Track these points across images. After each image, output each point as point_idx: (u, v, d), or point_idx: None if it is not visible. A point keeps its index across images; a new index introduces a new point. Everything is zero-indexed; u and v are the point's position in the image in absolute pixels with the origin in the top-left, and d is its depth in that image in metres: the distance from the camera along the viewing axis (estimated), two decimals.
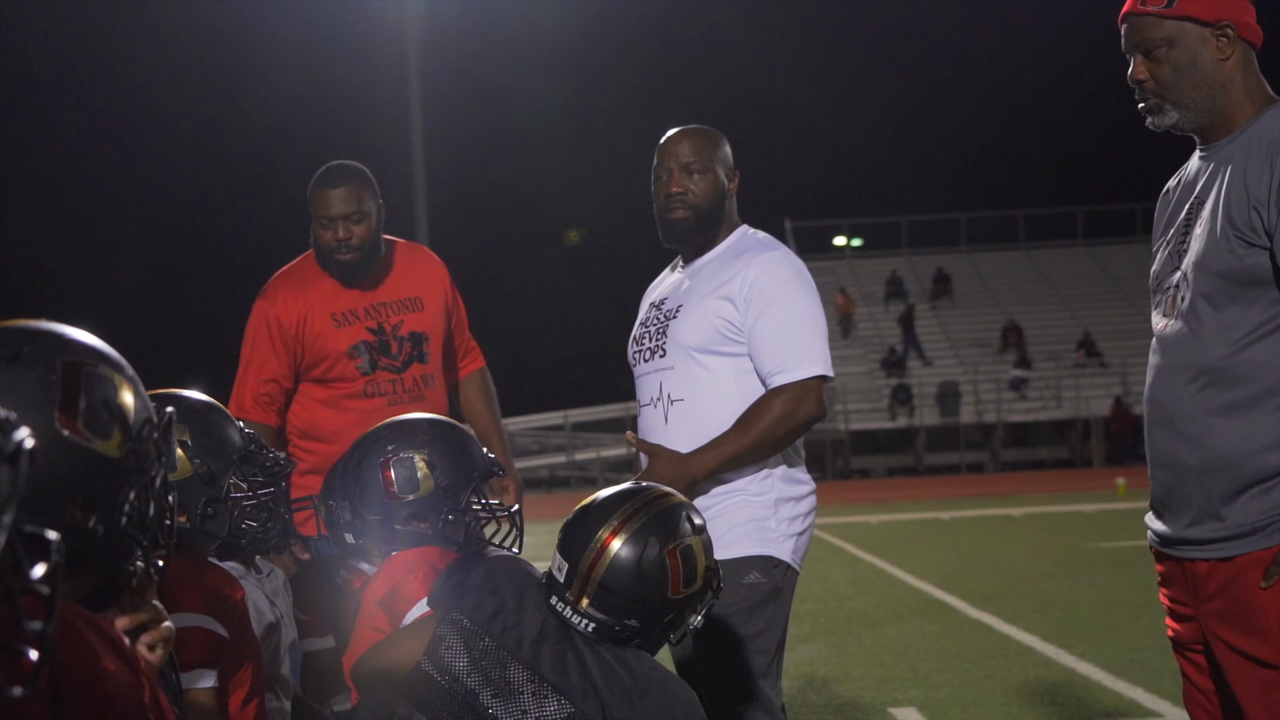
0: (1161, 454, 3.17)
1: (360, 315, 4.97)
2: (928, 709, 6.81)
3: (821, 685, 7.55)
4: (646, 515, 2.99)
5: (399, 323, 4.98)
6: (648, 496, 3.04)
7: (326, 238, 4.91)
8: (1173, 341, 3.14)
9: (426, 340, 4.99)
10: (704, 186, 3.97)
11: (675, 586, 2.96)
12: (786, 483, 3.86)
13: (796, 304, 3.83)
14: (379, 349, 4.94)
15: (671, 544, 2.97)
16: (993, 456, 39.91)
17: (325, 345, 4.93)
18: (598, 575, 2.94)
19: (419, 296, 5.03)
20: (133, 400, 1.91)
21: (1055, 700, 6.89)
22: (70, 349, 1.87)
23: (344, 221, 4.88)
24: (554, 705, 2.88)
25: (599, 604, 2.95)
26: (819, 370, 3.81)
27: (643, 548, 2.95)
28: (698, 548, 3.01)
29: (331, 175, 4.94)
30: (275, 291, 5.02)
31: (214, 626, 3.15)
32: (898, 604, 11.04)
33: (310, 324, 4.94)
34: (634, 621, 2.95)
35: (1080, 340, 41.87)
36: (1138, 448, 37.38)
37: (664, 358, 3.94)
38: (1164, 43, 3.13)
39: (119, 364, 1.93)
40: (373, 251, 4.95)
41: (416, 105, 21.62)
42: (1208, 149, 3.20)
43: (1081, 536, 16.38)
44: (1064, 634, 8.91)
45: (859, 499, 26.49)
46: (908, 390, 40.45)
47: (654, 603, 2.96)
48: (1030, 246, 48.00)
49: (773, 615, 3.78)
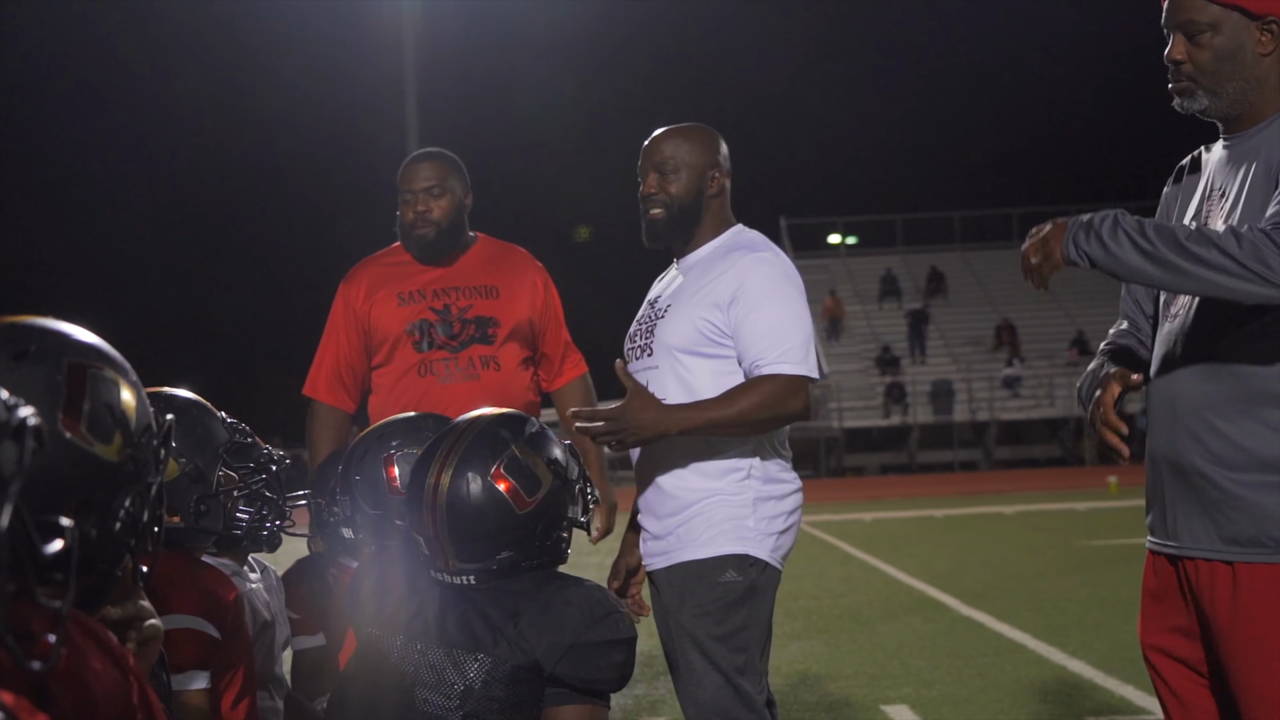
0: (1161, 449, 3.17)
1: (427, 296, 4.94)
2: (920, 706, 6.82)
3: (814, 682, 7.56)
4: (456, 456, 2.89)
5: (468, 306, 4.93)
6: (451, 438, 2.94)
7: (408, 213, 4.96)
8: (1180, 333, 3.11)
9: (495, 324, 4.92)
10: (677, 186, 3.96)
11: (519, 502, 2.87)
12: (765, 482, 3.85)
13: (785, 305, 3.81)
14: (439, 327, 4.89)
15: (493, 467, 2.87)
16: (986, 454, 39.98)
17: (386, 324, 4.92)
18: (444, 533, 2.87)
19: (496, 286, 4.97)
20: (135, 405, 1.90)
21: (1047, 698, 6.91)
22: (77, 349, 1.86)
23: (424, 194, 4.92)
24: (473, 666, 2.84)
25: (464, 555, 2.88)
26: (808, 370, 3.81)
27: (465, 487, 2.85)
28: (521, 452, 2.90)
29: (419, 154, 5.04)
30: (354, 273, 5.07)
31: (206, 628, 3.15)
32: (890, 601, 11.06)
33: (377, 302, 4.95)
34: (508, 553, 2.88)
35: (1073, 339, 41.92)
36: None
37: (650, 357, 3.93)
38: (1209, 27, 3.06)
39: (123, 367, 1.92)
40: (452, 231, 4.96)
41: (412, 101, 21.60)
42: (1231, 138, 3.14)
43: (1074, 534, 16.41)
44: (1056, 632, 8.93)
45: (852, 496, 26.52)
46: (902, 388, 40.50)
47: (511, 529, 2.87)
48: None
49: (750, 613, 3.78)
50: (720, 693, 3.73)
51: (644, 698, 7.31)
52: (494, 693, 2.83)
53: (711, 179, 3.98)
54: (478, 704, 2.83)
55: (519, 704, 2.85)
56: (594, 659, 2.84)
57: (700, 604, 3.77)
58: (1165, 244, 2.91)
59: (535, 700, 2.86)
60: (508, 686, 2.83)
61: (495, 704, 2.83)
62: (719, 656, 3.74)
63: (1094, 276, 46.42)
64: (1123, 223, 2.98)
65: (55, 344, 1.85)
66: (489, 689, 2.83)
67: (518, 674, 2.83)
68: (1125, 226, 2.97)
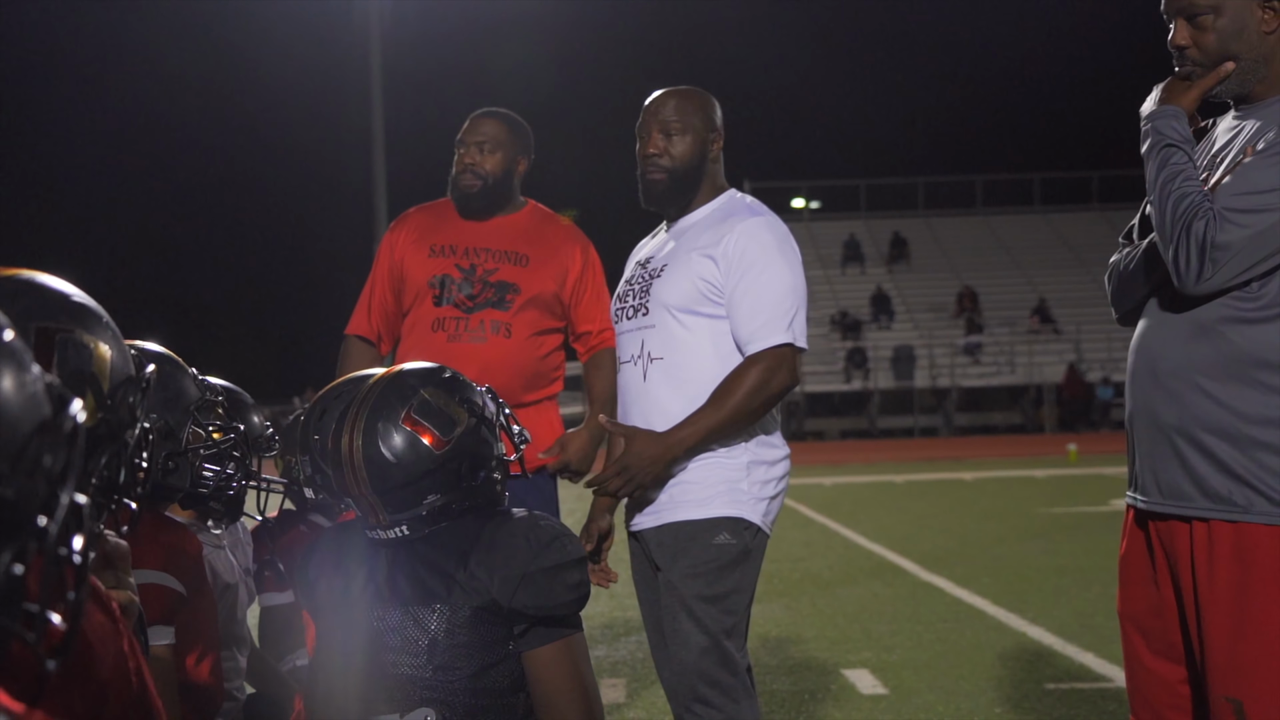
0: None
1: (458, 251, 4.89)
2: (880, 671, 6.84)
3: (775, 646, 7.58)
4: (365, 409, 2.87)
5: (494, 269, 4.87)
6: (359, 397, 2.91)
7: (459, 159, 4.91)
8: (1166, 294, 3.13)
9: (515, 291, 4.85)
10: (681, 148, 3.94)
11: (436, 443, 2.84)
12: (760, 446, 3.86)
13: (776, 271, 3.81)
14: (460, 285, 4.85)
15: (401, 414, 2.84)
16: (946, 421, 40.16)
17: (415, 273, 4.89)
18: (366, 486, 2.84)
19: (528, 254, 4.89)
20: (109, 361, 1.85)
21: (1006, 663, 6.94)
22: (46, 311, 1.81)
23: (477, 146, 4.86)
24: (433, 618, 2.82)
25: (392, 506, 2.85)
26: (792, 339, 3.80)
27: (377, 439, 2.83)
28: (431, 394, 2.88)
29: (484, 110, 4.97)
30: (404, 217, 5.05)
31: (171, 583, 3.13)
32: (851, 566, 11.09)
33: (412, 250, 4.93)
34: (434, 496, 2.85)
35: (1035, 307, 42.11)
36: (1090, 414, 37.88)
37: (646, 315, 3.92)
38: (1210, 9, 3.08)
39: (96, 323, 1.86)
40: (497, 188, 4.88)
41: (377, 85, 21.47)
42: (1241, 110, 3.18)
43: (1033, 502, 16.51)
44: (1015, 598, 8.98)
45: (813, 461, 26.60)
46: (863, 353, 40.61)
47: (431, 471, 2.84)
48: (987, 212, 48.22)
49: (741, 576, 3.78)
50: (704, 655, 3.73)
51: (604, 659, 7.31)
52: (458, 639, 2.82)
53: (713, 142, 3.97)
54: (446, 655, 2.81)
55: (487, 643, 2.83)
56: (549, 584, 2.82)
57: (692, 564, 3.76)
58: (1169, 203, 3.04)
59: (503, 637, 2.84)
60: (471, 630, 2.82)
61: (463, 649, 2.82)
62: (708, 618, 3.74)
63: (1055, 245, 46.10)
64: (1163, 154, 3.11)
65: (23, 308, 1.80)
66: (453, 636, 2.81)
67: (478, 615, 2.82)
68: (1160, 162, 3.10)
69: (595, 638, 7.91)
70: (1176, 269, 3.02)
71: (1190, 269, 2.99)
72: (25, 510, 1.28)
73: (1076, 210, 47.45)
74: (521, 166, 4.94)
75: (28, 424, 1.29)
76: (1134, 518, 3.25)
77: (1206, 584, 3.03)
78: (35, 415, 1.30)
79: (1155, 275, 3.17)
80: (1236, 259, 2.97)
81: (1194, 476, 3.07)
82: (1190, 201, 3.01)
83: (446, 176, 4.92)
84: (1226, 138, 3.16)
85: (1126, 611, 3.27)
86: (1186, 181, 3.04)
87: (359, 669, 2.87)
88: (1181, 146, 3.09)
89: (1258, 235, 2.97)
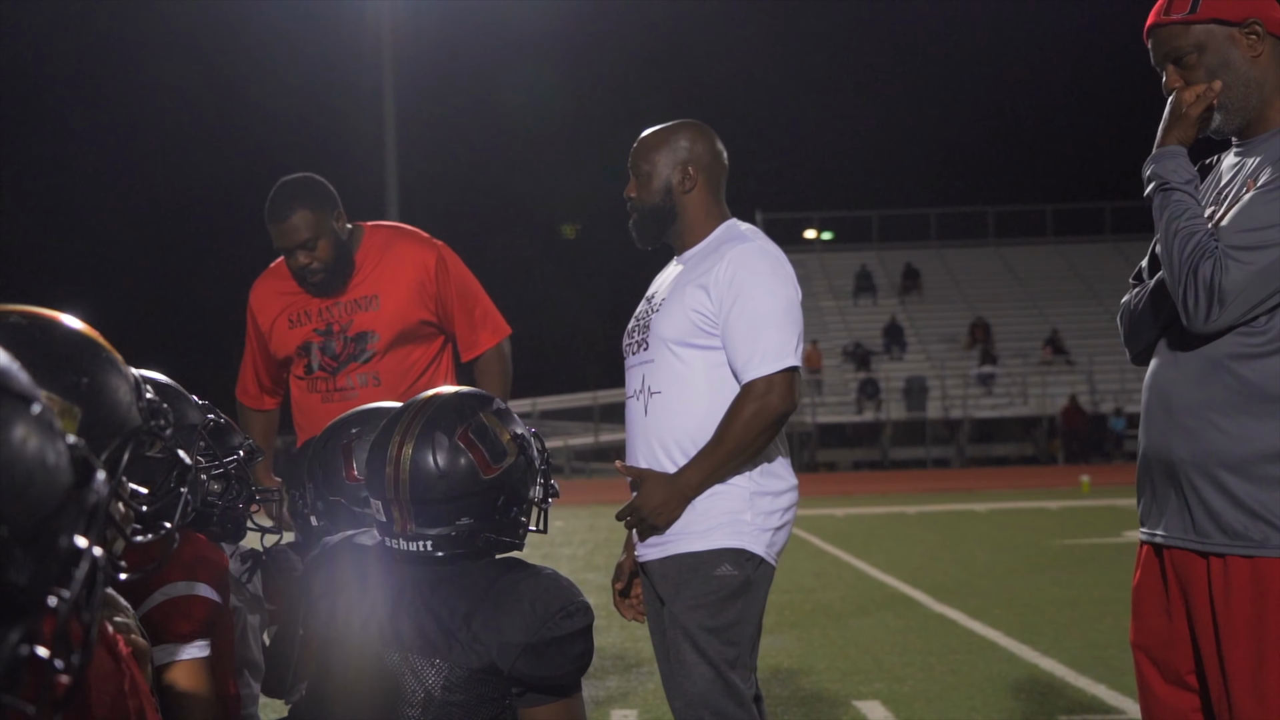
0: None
1: (312, 316, 5.05)
2: (891, 702, 6.82)
3: (786, 677, 7.55)
4: (424, 418, 2.88)
5: (349, 322, 5.01)
6: (417, 405, 2.93)
7: (291, 264, 4.99)
8: (1177, 330, 3.13)
9: (374, 338, 4.98)
10: (644, 188, 4.01)
11: (484, 467, 2.84)
12: (764, 477, 3.86)
13: (766, 295, 3.81)
14: (322, 349, 5.02)
15: (459, 429, 2.85)
16: (958, 452, 40.08)
17: (281, 345, 5.10)
18: (406, 492, 2.83)
19: (376, 295, 5.00)
20: (124, 402, 1.86)
21: (1019, 695, 6.91)
22: (64, 357, 1.83)
23: (300, 250, 4.94)
24: (430, 672, 2.80)
25: (423, 519, 2.84)
26: (786, 363, 3.79)
27: (431, 445, 2.84)
28: (490, 421, 2.89)
29: (280, 206, 4.94)
30: (257, 288, 5.21)
31: (208, 593, 3.14)
32: (862, 597, 11.06)
33: (276, 324, 5.12)
34: (467, 520, 2.84)
35: (1047, 338, 42.06)
36: (1103, 445, 37.77)
37: (646, 350, 3.94)
38: (1194, 49, 3.12)
39: (103, 366, 1.88)
40: (339, 263, 4.98)
41: (389, 94, 21.54)
42: (1243, 144, 3.19)
43: (1046, 533, 16.45)
44: (1028, 630, 8.94)
45: (825, 492, 26.55)
46: (875, 384, 40.56)
47: (473, 494, 2.84)
48: (999, 243, 48.20)
49: (744, 608, 3.78)
50: (710, 686, 3.73)
51: (615, 690, 7.29)
52: (454, 697, 2.79)
53: (685, 176, 3.98)
54: (440, 710, 2.79)
55: (483, 701, 2.81)
56: (551, 656, 2.79)
57: (694, 596, 3.77)
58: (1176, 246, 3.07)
59: (500, 695, 2.82)
60: (467, 690, 2.79)
61: (458, 708, 2.79)
62: (711, 649, 3.74)
63: (1068, 276, 46.10)
64: (1164, 198, 3.13)
65: (41, 354, 1.81)
66: (449, 694, 2.79)
67: (475, 677, 2.79)
68: (1161, 204, 3.13)
69: (607, 668, 7.89)
70: (1185, 310, 3.03)
71: (1199, 310, 3.00)
72: (37, 591, 1.26)
73: (1089, 241, 47.42)
74: (341, 224, 5.00)
75: (50, 503, 1.27)
76: (1149, 549, 3.25)
77: (1225, 618, 3.04)
78: (57, 491, 1.28)
79: (1165, 313, 3.18)
80: (1242, 297, 2.99)
81: (1210, 512, 3.07)
82: (1196, 242, 3.02)
83: (456, 183, 5.02)
84: (1230, 174, 3.18)
85: (1139, 642, 3.26)
86: (1191, 220, 3.06)
87: (362, 705, 2.85)
88: (1182, 187, 3.11)
89: (1262, 272, 2.98)
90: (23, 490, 1.24)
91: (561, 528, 18.52)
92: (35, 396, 1.29)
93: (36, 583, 1.26)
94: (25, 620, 1.25)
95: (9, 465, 1.23)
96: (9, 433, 1.24)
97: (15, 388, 1.27)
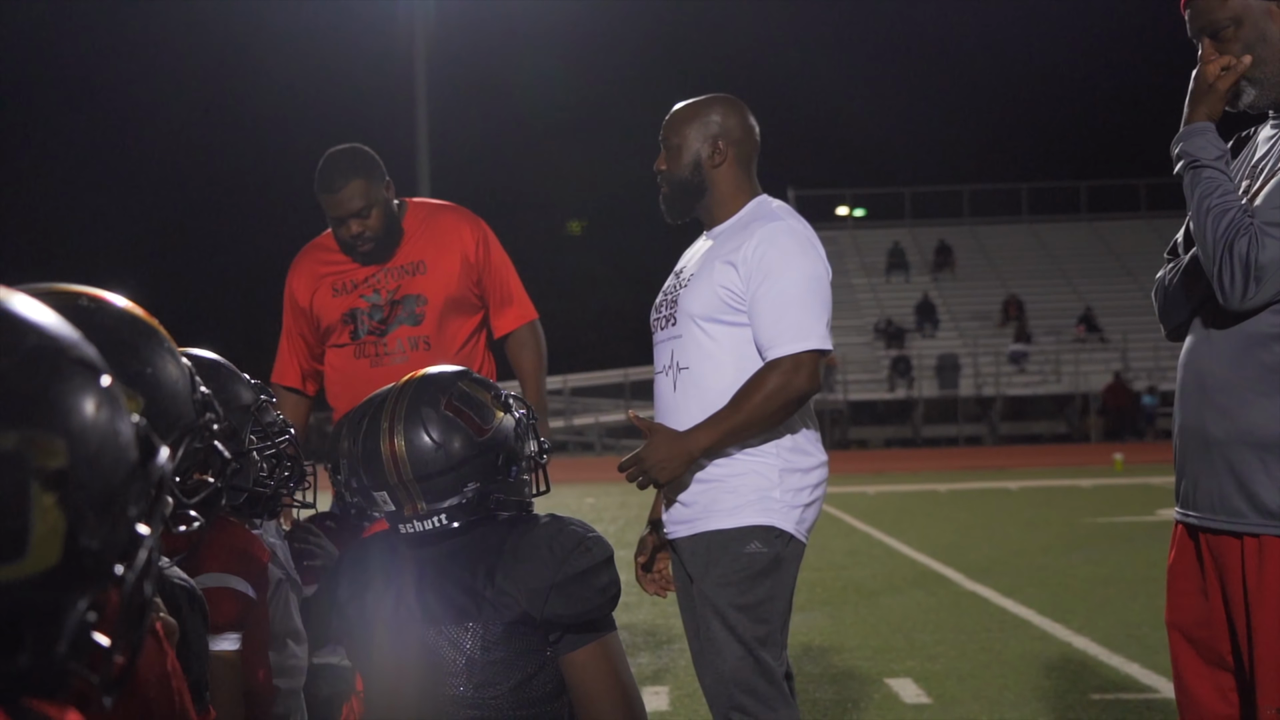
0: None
1: (360, 283, 5.05)
2: (923, 680, 6.81)
3: (818, 655, 7.56)
4: (406, 400, 2.90)
5: (395, 288, 5.02)
6: (394, 392, 2.94)
7: (342, 234, 5.01)
8: (1213, 308, 3.12)
9: (423, 303, 5.00)
10: (673, 161, 3.99)
11: (477, 430, 2.87)
12: (793, 453, 3.85)
13: (796, 275, 3.79)
14: (369, 314, 5.02)
15: (444, 400, 2.87)
16: (991, 430, 39.96)
17: (326, 314, 5.09)
18: (408, 472, 2.85)
19: (423, 260, 5.03)
20: (178, 384, 1.89)
21: (1051, 674, 6.90)
22: (123, 338, 1.86)
23: (354, 219, 4.96)
24: (466, 637, 2.82)
25: (431, 495, 2.86)
26: (813, 344, 3.77)
27: (421, 421, 2.85)
28: (470, 387, 2.92)
29: (333, 176, 4.97)
30: (295, 266, 5.22)
31: (242, 587, 3.14)
32: (894, 575, 11.05)
33: (317, 296, 5.11)
34: (473, 484, 2.86)
35: (1081, 315, 41.86)
36: (1137, 423, 37.61)
37: (674, 326, 3.93)
38: (1230, 22, 3.11)
39: (162, 345, 1.89)
40: (389, 233, 5.01)
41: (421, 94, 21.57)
42: (1279, 117, 3.18)
43: (1079, 511, 16.40)
44: (1061, 608, 8.92)
45: (857, 469, 26.53)
46: (907, 362, 40.47)
47: (472, 457, 2.86)
48: (1033, 220, 47.98)
49: (774, 585, 3.77)
50: (740, 663, 3.73)
51: (647, 667, 7.31)
52: (495, 655, 2.81)
53: (715, 150, 3.96)
54: (484, 672, 2.81)
55: (524, 654, 2.83)
56: (578, 591, 2.81)
57: (724, 574, 3.76)
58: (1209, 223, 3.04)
59: (539, 645, 2.84)
60: (506, 644, 2.81)
61: (501, 665, 2.81)
62: (741, 627, 3.74)
63: (1102, 253, 45.84)
64: (1195, 175, 3.10)
65: (104, 336, 1.82)
66: (489, 653, 2.81)
67: (511, 629, 2.81)
68: (1192, 182, 3.10)
69: (638, 644, 7.91)
70: (1221, 288, 3.01)
71: (1235, 288, 2.98)
72: (108, 559, 1.28)
73: (1123, 218, 47.15)
74: (390, 192, 5.04)
75: (120, 474, 1.29)
76: (1184, 529, 3.24)
77: (1257, 598, 3.02)
78: (126, 463, 1.30)
79: (1199, 290, 3.16)
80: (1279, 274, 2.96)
81: (1245, 492, 3.05)
82: (1230, 219, 3.00)
83: (488, 180, 5.02)
84: (1266, 147, 3.16)
85: (1175, 621, 3.25)
86: (1224, 197, 3.03)
87: (410, 696, 2.87)
88: (1212, 164, 3.08)
89: None
90: (96, 457, 1.26)
91: (593, 504, 18.57)
92: (105, 369, 1.31)
93: (107, 550, 1.27)
94: (95, 587, 1.27)
95: (83, 432, 1.25)
96: (82, 400, 1.26)
97: (87, 359, 1.28)
